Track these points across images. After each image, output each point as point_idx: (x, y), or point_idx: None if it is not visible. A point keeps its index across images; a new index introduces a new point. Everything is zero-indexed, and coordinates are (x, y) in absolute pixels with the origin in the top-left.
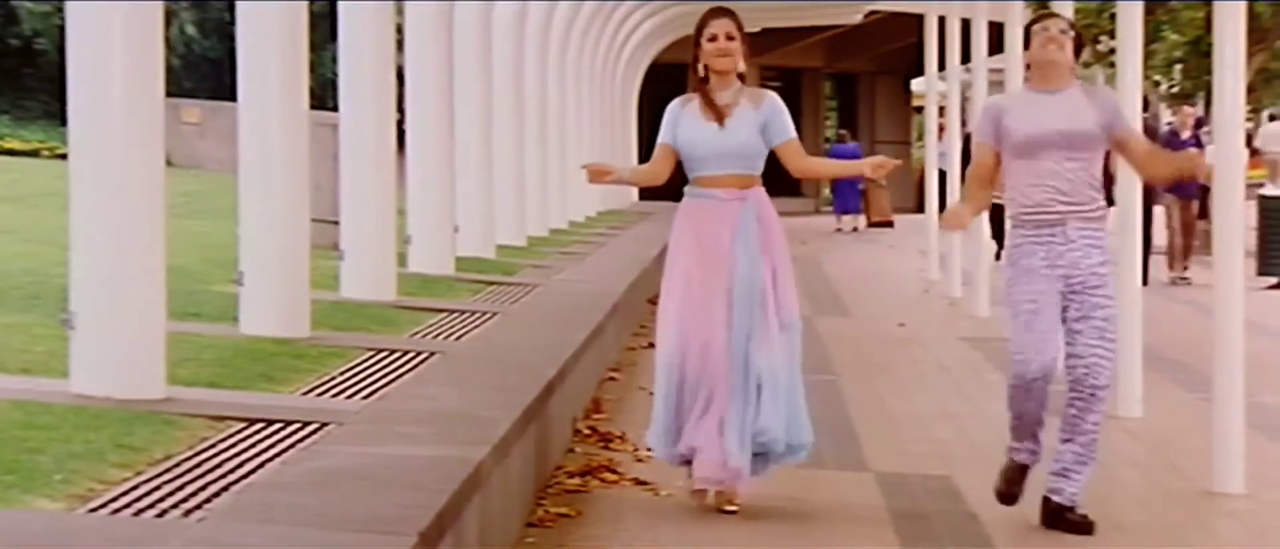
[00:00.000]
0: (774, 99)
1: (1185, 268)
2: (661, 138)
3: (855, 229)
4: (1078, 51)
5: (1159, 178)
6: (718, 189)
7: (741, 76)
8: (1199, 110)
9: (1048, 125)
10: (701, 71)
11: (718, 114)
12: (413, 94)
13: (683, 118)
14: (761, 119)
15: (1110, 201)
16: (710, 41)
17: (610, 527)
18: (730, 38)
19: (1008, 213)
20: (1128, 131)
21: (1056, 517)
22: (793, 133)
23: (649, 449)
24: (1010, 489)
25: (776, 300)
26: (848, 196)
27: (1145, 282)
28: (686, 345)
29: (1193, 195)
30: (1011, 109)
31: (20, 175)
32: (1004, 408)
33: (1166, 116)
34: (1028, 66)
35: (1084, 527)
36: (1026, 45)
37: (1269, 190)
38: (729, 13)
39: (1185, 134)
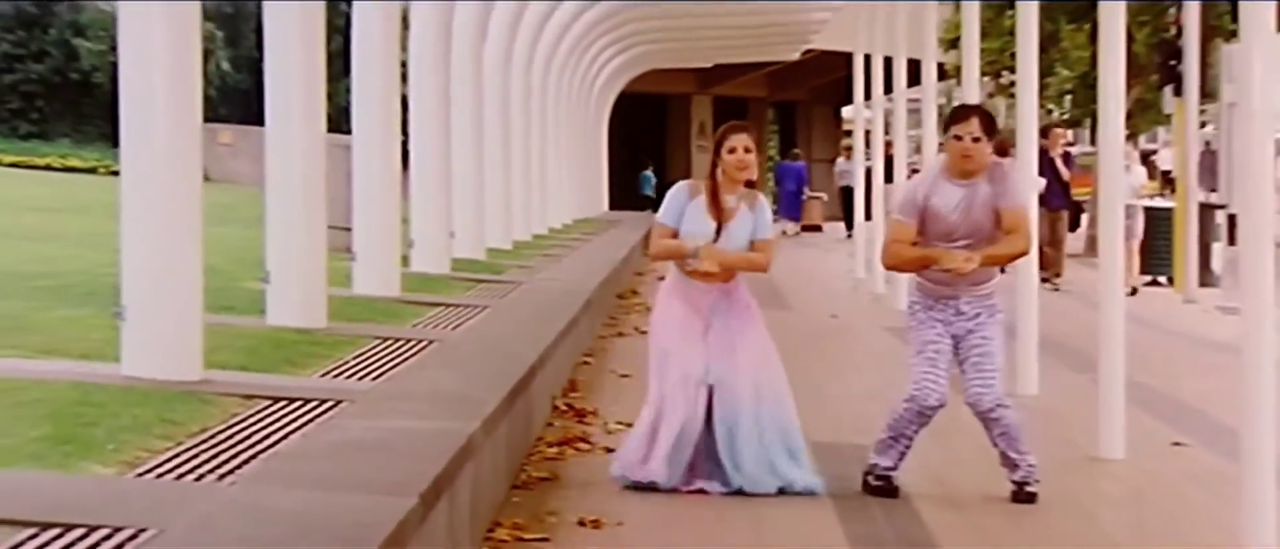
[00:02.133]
0: (763, 203)
1: (1056, 274)
2: (666, 220)
3: (797, 233)
4: (989, 134)
5: (985, 256)
6: (703, 281)
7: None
8: (1069, 134)
9: (957, 221)
10: (718, 173)
11: (720, 218)
12: (415, 119)
13: (689, 209)
14: (753, 221)
15: (1072, 205)
16: (730, 153)
17: (583, 488)
18: (748, 150)
19: (914, 281)
20: (1010, 206)
21: (1025, 496)
22: (770, 232)
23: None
24: (871, 491)
25: (762, 390)
26: (792, 207)
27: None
28: (672, 415)
29: (1061, 208)
30: (931, 199)
31: (80, 189)
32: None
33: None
34: (950, 162)
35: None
36: (946, 127)
37: (1152, 203)
38: (748, 128)
39: (1053, 153)
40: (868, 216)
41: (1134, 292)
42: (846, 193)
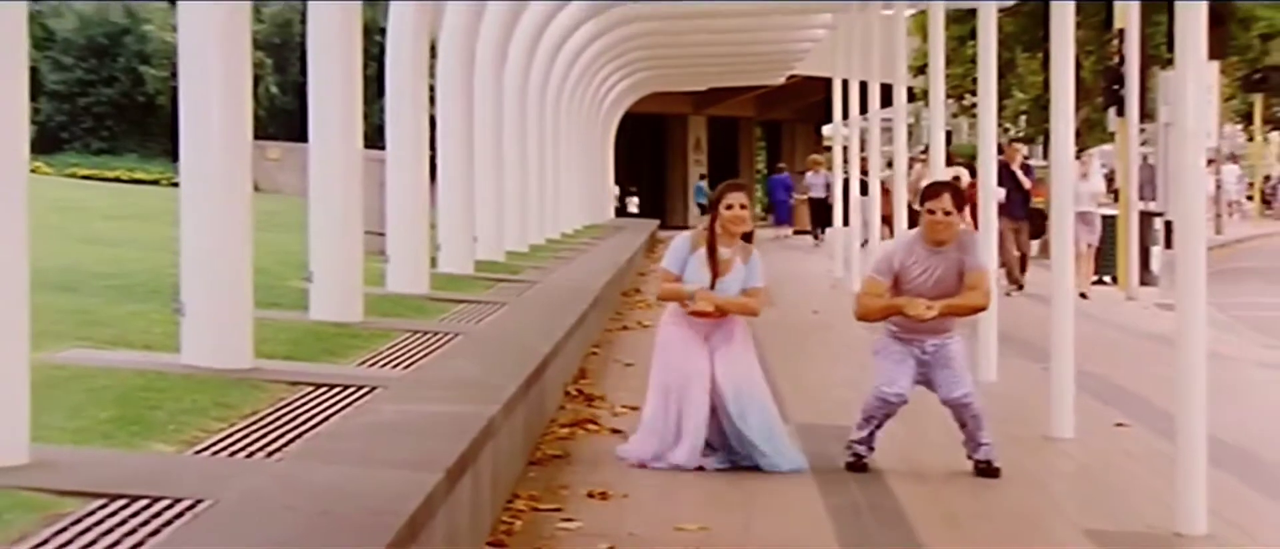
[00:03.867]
0: (756, 257)
1: (1018, 286)
2: (670, 267)
3: (789, 236)
4: (959, 208)
5: (946, 306)
6: (701, 320)
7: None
8: (1025, 149)
9: (927, 284)
10: (716, 228)
11: (715, 272)
12: (442, 136)
13: (691, 261)
14: (746, 271)
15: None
16: (727, 208)
17: (592, 464)
18: (743, 207)
19: (885, 325)
20: (972, 270)
21: (991, 470)
22: (762, 283)
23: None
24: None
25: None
26: (784, 213)
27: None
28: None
29: (1021, 218)
30: (906, 262)
31: (145, 199)
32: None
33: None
34: (927, 230)
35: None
36: (921, 201)
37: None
38: (743, 187)
39: (1013, 165)
40: (846, 222)
41: (1083, 296)
42: (814, 203)
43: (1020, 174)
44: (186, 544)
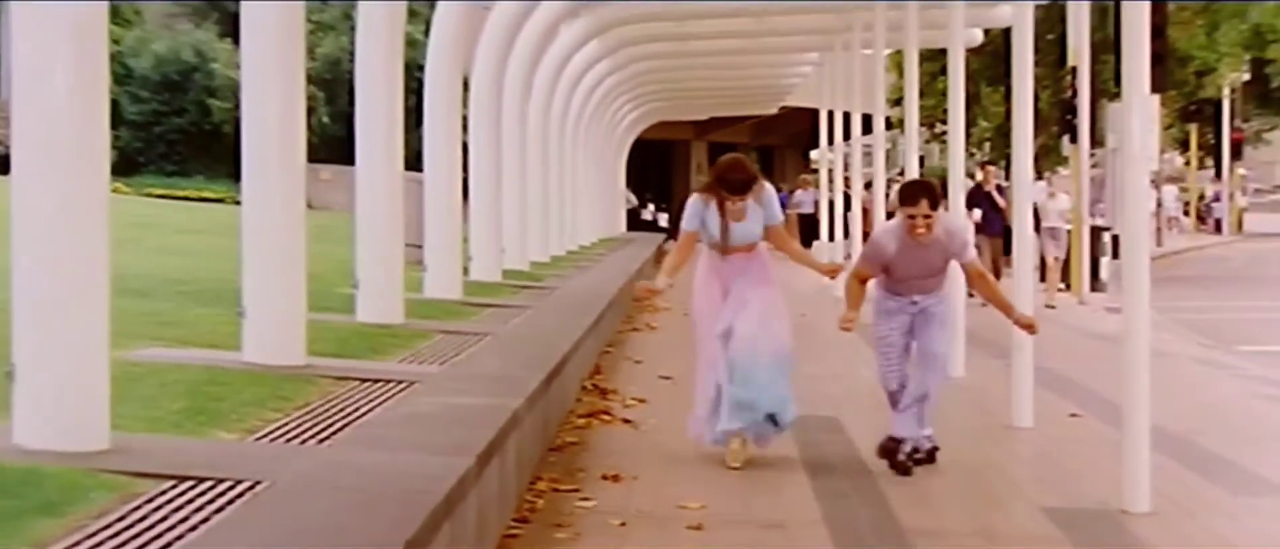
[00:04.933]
0: (769, 191)
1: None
2: (688, 226)
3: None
4: (935, 207)
5: (982, 294)
6: (728, 256)
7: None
8: (999, 172)
9: (914, 269)
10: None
11: (732, 217)
12: (473, 160)
13: (707, 214)
14: (762, 211)
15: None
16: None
17: (605, 450)
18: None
19: (879, 289)
20: (966, 262)
21: (893, 457)
22: (780, 217)
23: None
24: (890, 458)
25: (765, 325)
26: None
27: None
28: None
29: (996, 234)
30: (893, 253)
31: (211, 215)
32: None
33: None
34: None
35: (907, 469)
36: (901, 203)
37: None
38: (742, 158)
39: (987, 187)
40: (831, 237)
41: (1051, 306)
42: (803, 218)
43: (995, 194)
44: (246, 520)
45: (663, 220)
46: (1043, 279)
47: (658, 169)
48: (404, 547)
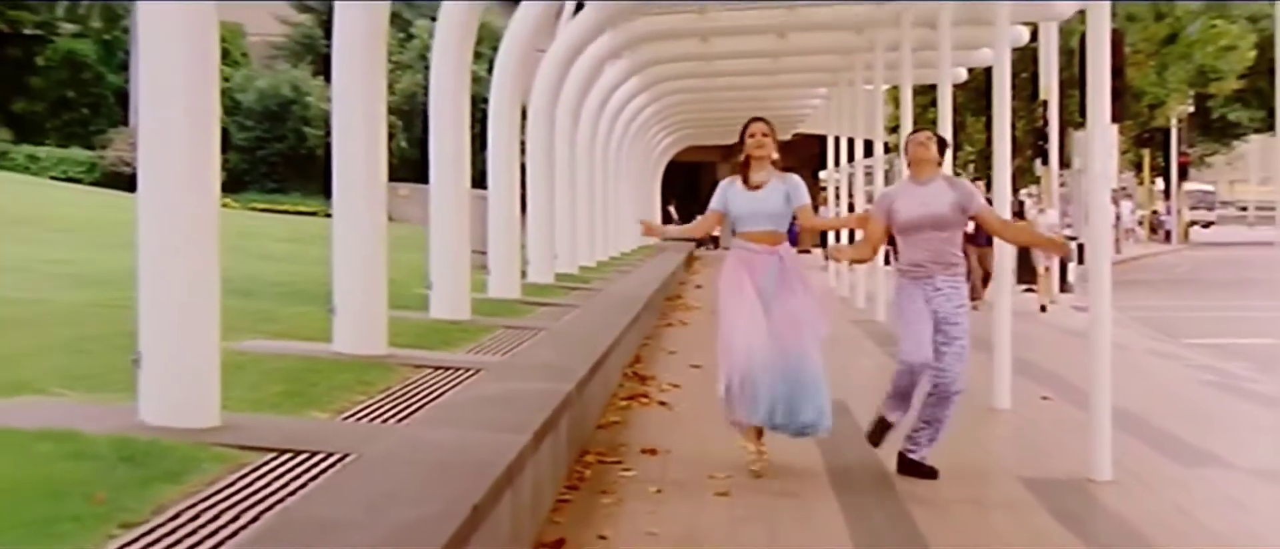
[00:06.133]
0: (795, 177)
1: (980, 296)
2: (714, 205)
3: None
4: (941, 150)
5: (1017, 242)
6: (754, 243)
7: (774, 163)
8: (984, 188)
9: (920, 212)
10: (744, 158)
11: (755, 188)
12: (531, 179)
13: (731, 190)
14: (786, 189)
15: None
16: (750, 137)
17: (643, 428)
18: (764, 135)
19: (897, 265)
20: (980, 210)
21: (909, 466)
22: (807, 200)
23: (734, 421)
24: (876, 439)
25: (797, 316)
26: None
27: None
28: (737, 349)
29: (985, 245)
30: (898, 198)
31: (306, 226)
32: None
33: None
34: (909, 164)
35: (931, 473)
36: (906, 150)
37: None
38: (763, 119)
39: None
40: (837, 240)
41: (1043, 309)
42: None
43: None
44: (337, 487)
45: None
46: (1033, 284)
47: (688, 186)
48: (472, 510)
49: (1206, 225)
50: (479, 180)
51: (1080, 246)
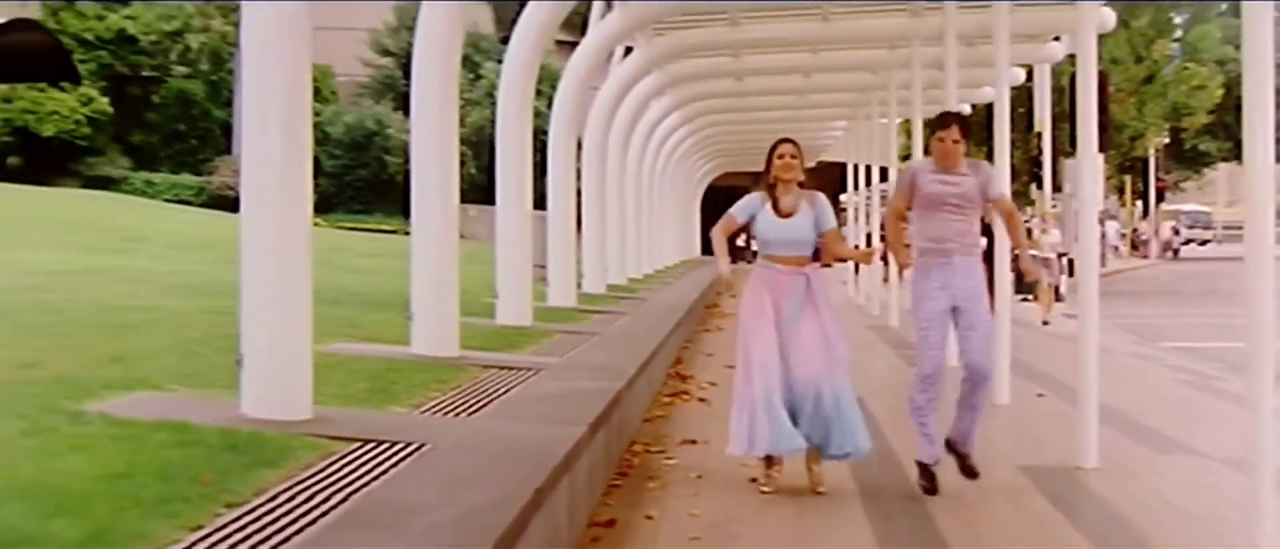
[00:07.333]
0: (822, 199)
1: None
2: (739, 217)
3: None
4: (965, 137)
5: (1008, 228)
6: (781, 265)
7: (800, 184)
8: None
9: (942, 190)
10: (772, 179)
11: (784, 214)
12: (585, 201)
13: (761, 212)
14: (814, 214)
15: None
16: (779, 158)
17: (685, 421)
18: (793, 156)
19: (915, 247)
20: (998, 195)
21: (967, 468)
22: (835, 223)
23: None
24: (930, 487)
25: (824, 336)
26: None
27: None
28: (754, 368)
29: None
30: (921, 175)
31: (387, 243)
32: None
33: None
34: (926, 152)
35: (975, 472)
36: (932, 130)
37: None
38: (791, 141)
39: (987, 220)
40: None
41: (1046, 322)
42: None
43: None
44: (415, 472)
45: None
46: (1035, 298)
47: (725, 208)
48: (534, 494)
49: (1203, 242)
50: (540, 202)
51: (1071, 262)
